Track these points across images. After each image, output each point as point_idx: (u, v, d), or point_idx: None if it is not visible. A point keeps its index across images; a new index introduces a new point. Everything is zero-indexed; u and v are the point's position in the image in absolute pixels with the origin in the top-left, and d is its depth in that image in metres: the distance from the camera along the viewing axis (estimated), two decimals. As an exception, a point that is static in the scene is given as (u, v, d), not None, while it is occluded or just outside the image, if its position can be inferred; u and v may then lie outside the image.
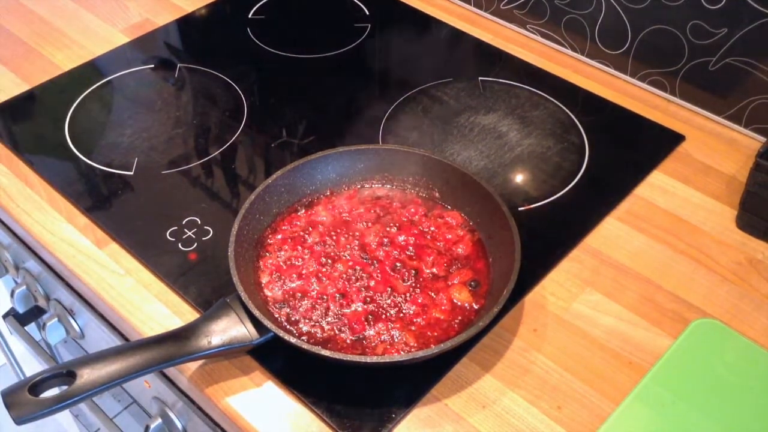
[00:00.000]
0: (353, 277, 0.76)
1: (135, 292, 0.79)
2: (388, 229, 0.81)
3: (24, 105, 1.04)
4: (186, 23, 1.19)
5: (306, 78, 1.08)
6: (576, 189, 0.90)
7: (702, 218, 0.87)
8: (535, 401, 0.70)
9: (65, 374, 0.63)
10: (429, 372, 0.71)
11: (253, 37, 1.15)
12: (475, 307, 0.74)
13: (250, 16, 1.20)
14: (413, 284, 0.76)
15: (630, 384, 0.71)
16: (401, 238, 0.80)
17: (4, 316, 1.12)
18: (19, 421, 0.61)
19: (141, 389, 0.91)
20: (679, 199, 0.89)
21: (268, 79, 1.08)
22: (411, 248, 0.79)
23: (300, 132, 0.99)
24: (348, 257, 0.78)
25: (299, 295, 0.75)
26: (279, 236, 0.80)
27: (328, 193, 0.85)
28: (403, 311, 0.73)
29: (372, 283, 0.75)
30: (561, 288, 0.79)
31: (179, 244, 0.83)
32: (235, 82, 1.06)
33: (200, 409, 0.77)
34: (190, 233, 0.84)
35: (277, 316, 0.73)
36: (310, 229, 0.81)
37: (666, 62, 1.00)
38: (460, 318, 0.73)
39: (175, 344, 0.67)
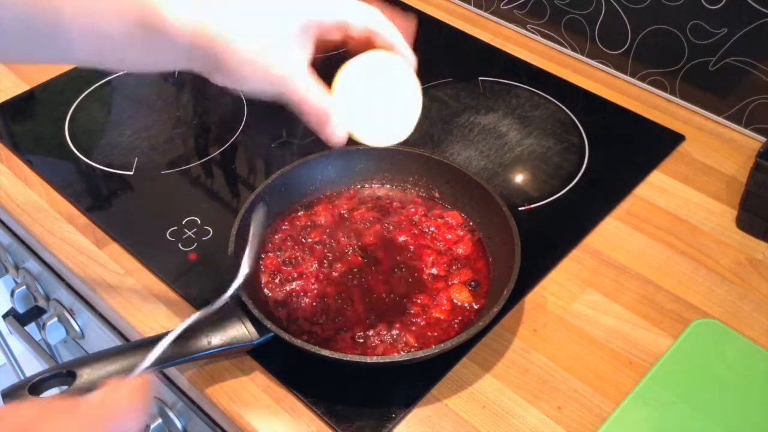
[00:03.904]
0: (353, 277, 0.76)
1: (135, 292, 0.79)
2: (388, 229, 0.81)
3: (24, 105, 1.04)
4: (186, 23, 1.18)
5: (306, 78, 1.08)
6: (576, 189, 0.90)
7: (702, 218, 0.87)
8: (535, 401, 0.70)
9: (65, 374, 0.63)
10: (429, 372, 0.71)
11: (253, 37, 1.15)
12: (475, 307, 0.74)
13: (250, 16, 1.20)
14: (413, 284, 0.76)
15: (630, 384, 0.71)
16: (401, 238, 0.80)
17: (4, 316, 1.12)
18: (19, 421, 0.61)
19: (141, 389, 0.91)
20: (679, 199, 0.89)
21: (268, 79, 1.08)
22: (411, 248, 0.79)
23: (300, 132, 0.99)
24: (348, 257, 0.78)
25: (299, 294, 0.75)
26: (279, 236, 0.80)
27: (328, 193, 0.85)
28: (403, 311, 0.73)
29: (372, 283, 0.75)
30: (561, 288, 0.79)
31: (179, 244, 0.83)
32: (235, 82, 1.06)
33: (200, 409, 0.77)
34: (190, 233, 0.84)
35: (277, 316, 0.73)
36: (310, 229, 0.81)
37: (666, 62, 1.00)
38: (460, 318, 0.73)
39: (175, 344, 0.67)
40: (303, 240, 0.80)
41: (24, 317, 1.09)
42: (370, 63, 0.61)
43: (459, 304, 0.74)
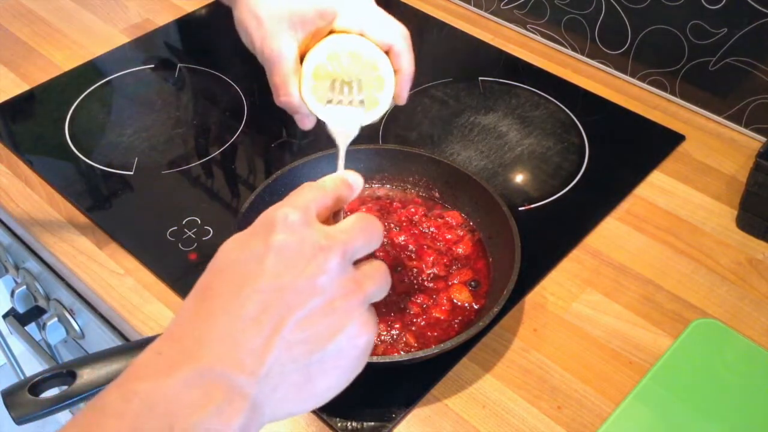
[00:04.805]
0: (353, 277, 0.76)
1: (135, 292, 0.79)
2: (387, 228, 0.80)
3: (24, 105, 1.04)
4: (186, 23, 1.19)
5: (306, 78, 1.08)
6: (576, 189, 0.90)
7: (702, 218, 0.87)
8: (535, 401, 0.70)
9: (65, 374, 0.63)
10: (429, 372, 0.71)
11: (253, 37, 1.15)
12: (475, 307, 0.74)
13: (250, 16, 1.20)
14: (413, 284, 0.76)
15: (630, 384, 0.71)
16: (401, 238, 0.80)
17: (4, 316, 1.12)
18: (19, 421, 0.61)
19: (141, 389, 0.91)
20: (679, 199, 0.89)
21: (268, 79, 1.08)
22: (411, 248, 0.79)
23: (300, 132, 0.98)
24: (348, 257, 0.78)
25: (299, 295, 0.74)
26: (279, 236, 0.80)
27: (328, 193, 0.85)
28: (403, 311, 0.73)
29: (372, 283, 0.75)
30: (561, 288, 0.79)
31: (179, 244, 0.83)
32: (235, 82, 1.06)
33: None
34: (190, 233, 0.84)
35: (277, 316, 0.73)
36: (310, 229, 0.81)
37: (666, 62, 1.00)
38: (460, 318, 0.73)
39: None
40: (303, 240, 0.80)
41: (24, 317, 1.09)
42: (343, 45, 0.61)
43: (459, 304, 0.74)
